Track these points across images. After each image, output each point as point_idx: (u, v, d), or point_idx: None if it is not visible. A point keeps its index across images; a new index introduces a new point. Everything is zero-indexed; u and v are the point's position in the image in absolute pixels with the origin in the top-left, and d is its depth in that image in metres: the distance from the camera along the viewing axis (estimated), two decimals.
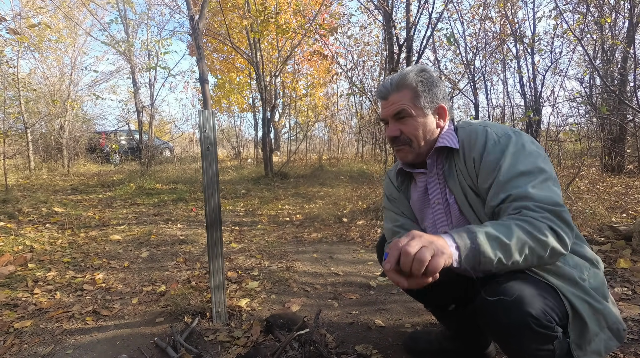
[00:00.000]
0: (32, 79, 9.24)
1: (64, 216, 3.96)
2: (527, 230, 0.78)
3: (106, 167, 9.69)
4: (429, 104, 1.01)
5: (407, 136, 1.03)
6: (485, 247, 0.75)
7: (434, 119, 1.03)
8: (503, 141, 0.93)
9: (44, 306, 1.88)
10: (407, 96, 1.01)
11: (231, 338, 1.51)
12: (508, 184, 0.87)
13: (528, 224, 0.79)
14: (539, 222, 0.79)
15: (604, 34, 5.37)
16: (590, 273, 0.92)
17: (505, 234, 0.77)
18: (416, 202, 1.13)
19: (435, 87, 1.01)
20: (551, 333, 0.81)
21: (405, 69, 1.03)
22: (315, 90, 10.65)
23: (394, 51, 3.87)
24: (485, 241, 0.76)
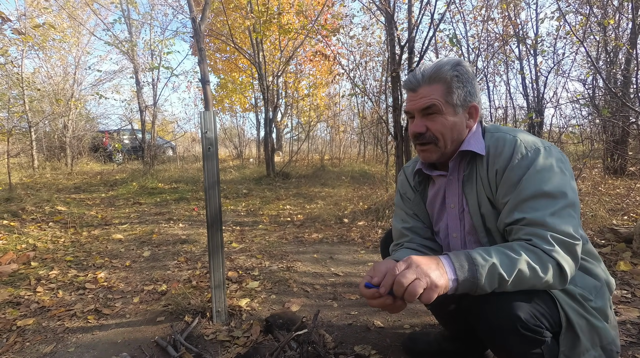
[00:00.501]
0: (36, 78, 9.30)
1: (66, 214, 3.99)
2: (531, 266, 0.78)
3: (109, 166, 9.74)
4: (462, 102, 0.94)
5: (433, 134, 0.95)
6: (484, 282, 0.76)
7: (464, 118, 0.96)
8: (531, 155, 0.87)
9: (47, 304, 1.90)
10: (439, 91, 0.93)
11: (231, 338, 1.52)
12: (526, 204, 0.84)
13: (535, 258, 0.79)
14: (547, 257, 0.79)
15: (607, 35, 5.35)
16: (598, 293, 0.91)
17: (508, 270, 0.77)
18: (432, 204, 1.10)
19: (470, 84, 0.95)
20: (539, 337, 0.82)
21: (440, 60, 0.95)
22: (318, 90, 10.66)
23: (395, 52, 3.88)
24: (485, 277, 0.76)
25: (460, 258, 0.78)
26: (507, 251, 0.80)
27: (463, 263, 0.77)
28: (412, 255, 0.78)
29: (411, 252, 1.06)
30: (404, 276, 0.72)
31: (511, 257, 0.78)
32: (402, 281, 0.72)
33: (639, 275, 1.94)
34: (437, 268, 0.75)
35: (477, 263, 0.77)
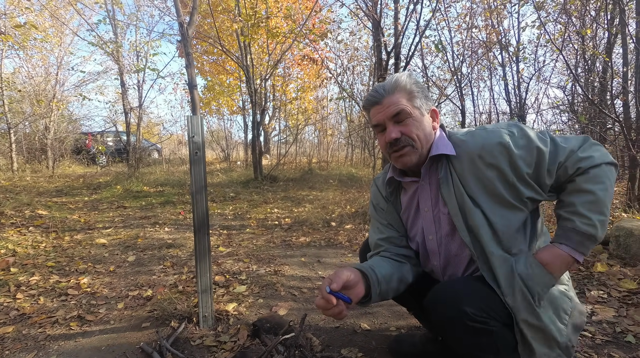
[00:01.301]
0: (16, 79, 9.05)
1: (48, 219, 3.89)
2: (598, 179, 0.92)
3: (92, 169, 9.53)
4: (425, 105, 1.03)
5: (408, 136, 0.99)
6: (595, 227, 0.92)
7: (430, 120, 1.04)
8: (515, 130, 0.98)
9: (27, 311, 1.85)
10: (404, 97, 0.99)
11: (218, 343, 1.52)
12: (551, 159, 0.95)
13: (595, 175, 0.92)
14: (595, 167, 0.93)
15: (585, 44, 5.55)
16: (571, 322, 0.98)
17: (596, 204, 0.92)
18: (406, 211, 1.14)
19: (426, 91, 1.04)
20: (485, 327, 0.89)
21: (395, 75, 1.03)
22: (306, 94, 10.69)
23: (382, 57, 3.94)
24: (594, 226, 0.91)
25: (578, 240, 0.92)
26: (586, 196, 0.92)
27: (584, 243, 0.92)
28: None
29: (384, 260, 1.09)
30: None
31: (594, 200, 0.91)
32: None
33: (615, 275, 2.01)
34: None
35: (589, 232, 0.91)
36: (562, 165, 0.94)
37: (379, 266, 1.03)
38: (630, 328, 1.51)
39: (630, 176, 3.38)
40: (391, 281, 1.03)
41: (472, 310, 0.88)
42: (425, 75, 6.12)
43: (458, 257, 1.06)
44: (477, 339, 0.90)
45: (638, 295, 1.79)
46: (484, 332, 0.89)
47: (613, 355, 1.33)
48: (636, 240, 2.16)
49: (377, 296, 0.98)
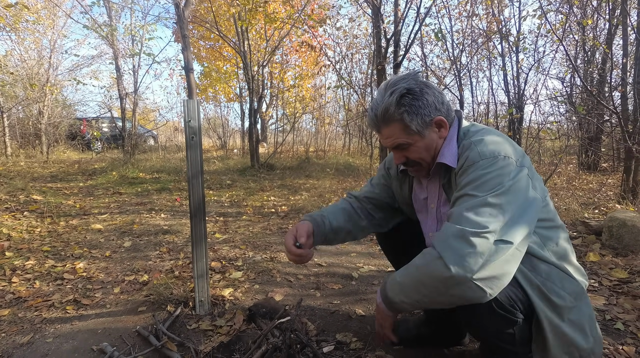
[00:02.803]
0: (8, 62, 8.87)
1: (42, 204, 3.87)
2: (415, 263, 0.90)
3: (87, 155, 9.45)
4: (422, 126, 0.97)
5: (413, 160, 1.02)
6: (390, 294, 0.95)
7: (434, 134, 1.00)
8: (484, 163, 0.88)
9: (23, 295, 1.85)
10: (398, 129, 0.97)
11: (214, 327, 1.53)
12: (455, 200, 0.92)
13: (421, 255, 0.89)
14: (430, 250, 0.86)
15: (585, 34, 5.51)
16: (578, 299, 0.92)
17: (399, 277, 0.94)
18: (416, 197, 1.18)
19: (422, 107, 0.95)
20: (512, 317, 0.87)
21: (384, 100, 0.96)
22: (303, 81, 10.58)
23: (381, 44, 3.89)
24: (389, 289, 0.95)
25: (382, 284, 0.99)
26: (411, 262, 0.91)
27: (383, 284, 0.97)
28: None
29: (345, 211, 1.26)
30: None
31: (408, 266, 0.91)
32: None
33: (606, 265, 2.04)
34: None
35: (385, 280, 0.97)
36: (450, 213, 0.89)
37: (334, 218, 1.22)
38: (619, 316, 1.54)
39: (626, 168, 3.41)
40: (339, 233, 1.24)
41: (503, 297, 0.85)
42: (424, 64, 6.07)
43: None
44: (500, 327, 0.89)
45: (628, 284, 1.82)
46: (509, 322, 0.88)
47: (603, 341, 1.36)
48: (629, 230, 2.19)
49: (320, 242, 1.22)
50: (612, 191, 3.87)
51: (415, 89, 0.95)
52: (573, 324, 0.90)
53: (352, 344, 1.37)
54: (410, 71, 1.02)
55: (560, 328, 0.88)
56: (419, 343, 1.35)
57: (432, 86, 0.98)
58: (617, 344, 1.34)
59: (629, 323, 1.48)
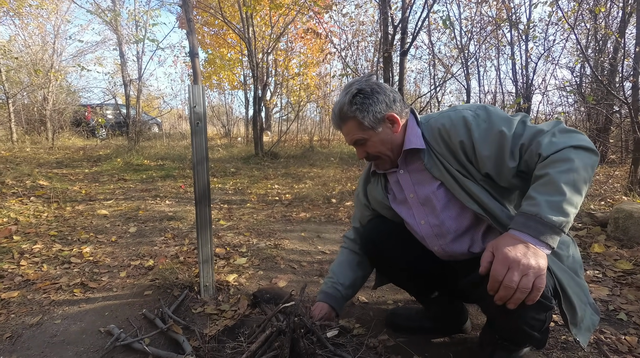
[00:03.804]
0: (12, 47, 8.85)
1: (49, 189, 3.91)
2: (563, 168, 0.82)
3: (92, 141, 9.48)
4: (374, 122, 1.04)
5: (373, 154, 1.10)
6: (555, 218, 0.79)
7: (387, 129, 1.06)
8: (481, 112, 0.97)
9: (31, 278, 1.88)
10: (353, 126, 1.06)
11: (219, 311, 1.55)
12: (514, 141, 0.91)
13: (557, 162, 0.83)
14: (561, 151, 0.84)
15: (597, 23, 5.38)
16: (568, 248, 0.99)
17: (554, 191, 0.81)
18: (395, 199, 1.18)
19: (372, 105, 1.03)
20: (549, 303, 0.87)
21: (340, 100, 1.07)
22: (308, 69, 10.48)
23: (388, 31, 3.82)
24: (551, 214, 0.79)
25: (522, 221, 0.82)
26: (540, 180, 0.84)
27: (528, 223, 0.81)
28: (497, 248, 0.81)
29: (349, 263, 1.32)
30: (510, 281, 0.77)
31: (545, 181, 0.83)
32: (511, 285, 0.77)
33: (611, 256, 2.04)
34: (526, 249, 0.78)
35: (531, 212, 0.81)
36: (527, 149, 0.90)
37: (344, 277, 1.30)
38: (622, 307, 1.54)
39: (634, 159, 3.36)
40: (355, 286, 1.33)
41: (548, 286, 0.86)
42: (431, 52, 5.98)
43: (458, 232, 1.06)
44: (536, 314, 0.89)
45: (633, 275, 1.81)
46: (546, 308, 0.88)
47: (605, 331, 1.36)
48: (635, 222, 2.17)
49: (344, 305, 1.31)
50: (620, 183, 3.83)
51: (366, 89, 1.04)
52: (572, 270, 0.97)
53: (355, 330, 1.39)
54: (365, 74, 1.12)
55: (569, 273, 0.94)
56: (421, 333, 1.36)
57: (384, 86, 1.07)
58: (620, 334, 1.34)
59: (632, 313, 1.48)
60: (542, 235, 0.79)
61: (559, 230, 0.79)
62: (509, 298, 0.78)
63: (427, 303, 1.35)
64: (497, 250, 0.81)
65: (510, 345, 1.05)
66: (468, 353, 1.24)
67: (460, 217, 1.05)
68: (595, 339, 1.30)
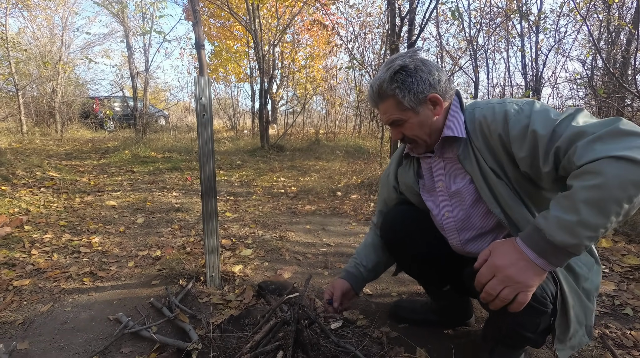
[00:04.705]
0: (21, 39, 8.92)
1: (58, 180, 3.96)
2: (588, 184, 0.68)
3: (100, 133, 9.56)
4: (415, 102, 0.96)
5: (409, 137, 1.03)
6: (563, 238, 0.70)
7: (428, 111, 0.98)
8: (526, 107, 0.86)
9: (42, 266, 1.92)
10: (392, 105, 0.99)
11: (224, 301, 1.57)
12: (551, 142, 0.79)
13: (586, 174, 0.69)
14: (595, 163, 0.68)
15: (610, 13, 5.25)
16: (592, 272, 0.95)
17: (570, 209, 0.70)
18: (425, 186, 1.13)
19: (415, 84, 0.95)
20: (543, 308, 0.86)
21: (380, 76, 0.99)
22: (315, 62, 10.41)
23: (395, 23, 3.78)
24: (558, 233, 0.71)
25: (529, 232, 0.76)
26: (565, 192, 0.73)
27: (533, 236, 0.75)
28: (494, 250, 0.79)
29: (374, 246, 1.30)
30: (491, 288, 0.77)
31: (566, 195, 0.71)
32: (490, 292, 0.77)
33: (618, 251, 2.02)
34: (520, 262, 0.75)
35: (539, 225, 0.74)
36: (564, 153, 0.76)
37: (367, 259, 1.28)
38: (629, 302, 1.53)
39: None
40: (377, 270, 1.31)
41: (540, 290, 0.84)
42: (439, 44, 5.90)
43: (483, 230, 1.03)
44: (530, 318, 0.88)
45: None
46: (540, 313, 0.87)
47: (610, 325, 1.36)
48: None
49: (363, 287, 1.30)
50: None
51: (409, 65, 0.95)
52: (585, 292, 0.93)
53: (358, 321, 1.40)
54: (411, 49, 1.02)
55: (578, 293, 0.91)
56: (425, 325, 1.37)
57: (429, 64, 0.97)
58: (625, 329, 1.33)
59: (638, 309, 1.47)
60: (543, 252, 0.73)
61: (566, 251, 0.71)
62: (490, 302, 0.79)
63: (437, 297, 1.35)
64: (492, 252, 0.79)
65: (508, 341, 1.04)
66: (471, 346, 1.25)
67: (489, 215, 1.00)
68: (600, 333, 1.29)
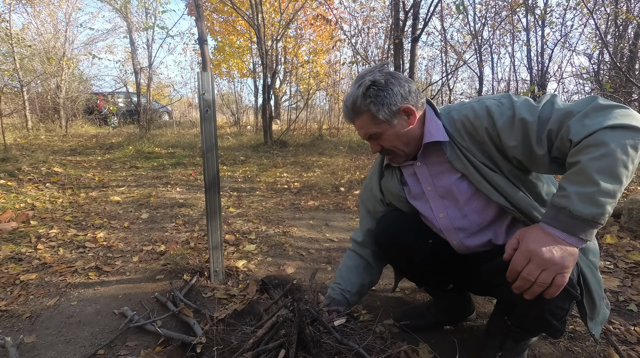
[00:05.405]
0: (25, 35, 8.94)
1: (63, 176, 3.99)
2: (597, 154, 0.73)
3: (104, 129, 9.61)
4: (389, 115, 1.00)
5: (387, 148, 1.06)
6: (586, 210, 0.73)
7: (403, 121, 1.02)
8: (505, 101, 0.91)
9: (48, 261, 1.94)
10: (367, 120, 1.02)
11: (228, 296, 1.58)
12: (541, 128, 0.84)
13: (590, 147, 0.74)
14: (594, 135, 0.74)
15: (618, 7, 5.18)
16: (592, 242, 0.98)
17: (586, 180, 0.73)
18: (411, 193, 1.14)
19: (387, 97, 0.98)
20: (576, 293, 0.85)
21: (352, 92, 1.02)
22: (318, 57, 10.37)
23: (399, 17, 3.75)
24: (580, 205, 0.73)
25: (552, 214, 0.77)
26: (572, 169, 0.77)
27: (558, 217, 0.76)
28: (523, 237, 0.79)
29: (356, 269, 1.28)
30: (529, 273, 0.76)
31: (576, 170, 0.75)
32: (528, 278, 0.76)
33: (623, 247, 2.01)
34: (553, 244, 0.75)
35: (561, 204, 0.76)
36: (556, 135, 0.81)
37: (350, 283, 1.26)
38: (633, 298, 1.52)
39: None
40: (362, 292, 1.29)
41: (573, 275, 0.84)
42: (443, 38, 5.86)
43: (482, 225, 1.03)
44: (562, 303, 0.87)
45: None
46: (572, 297, 0.86)
47: (614, 321, 1.35)
48: None
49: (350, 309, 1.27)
50: (636, 173, 3.74)
51: (380, 80, 0.99)
52: (593, 264, 0.96)
53: (362, 316, 1.41)
54: (377, 64, 1.06)
55: (590, 267, 0.93)
56: (437, 327, 1.36)
57: (399, 76, 1.02)
58: (629, 325, 1.33)
59: None
60: (572, 229, 0.74)
61: (593, 222, 0.73)
62: (526, 289, 0.78)
63: (439, 296, 1.34)
64: (522, 239, 0.79)
65: (521, 333, 1.03)
66: (474, 341, 1.25)
67: (485, 210, 1.02)
68: (604, 330, 1.29)
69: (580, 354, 1.18)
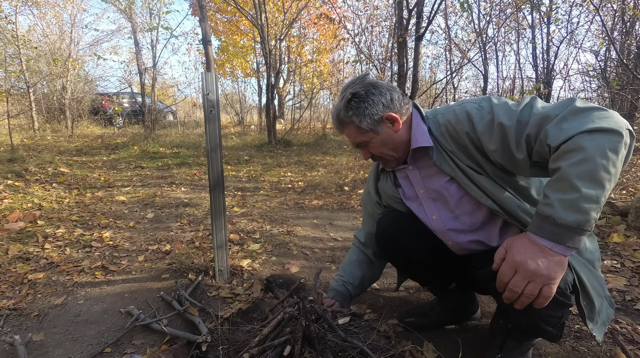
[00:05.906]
0: (31, 37, 9.03)
1: (70, 176, 4.03)
2: (576, 159, 0.71)
3: (109, 129, 9.68)
4: (373, 124, 1.02)
5: (376, 155, 1.10)
6: (569, 217, 0.71)
7: (387, 129, 1.03)
8: (485, 104, 0.91)
9: (55, 260, 1.97)
10: (353, 130, 1.06)
11: (233, 295, 1.59)
12: (521, 131, 0.83)
13: (568, 153, 0.73)
14: (572, 140, 0.72)
15: (625, 3, 5.12)
16: (591, 241, 0.98)
17: (567, 187, 0.72)
18: (406, 194, 1.16)
19: (368, 107, 1.01)
20: (566, 301, 0.85)
21: (337, 105, 1.07)
22: (321, 56, 10.36)
23: (403, 15, 3.73)
24: (564, 212, 0.72)
25: (537, 223, 0.76)
26: (554, 176, 0.76)
27: (543, 225, 0.75)
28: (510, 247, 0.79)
29: (359, 263, 1.33)
30: (515, 285, 0.76)
31: (557, 177, 0.74)
32: (515, 290, 0.76)
33: (630, 246, 1.99)
34: (540, 254, 0.74)
35: (545, 213, 0.75)
36: (535, 139, 0.80)
37: (353, 277, 1.31)
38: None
39: None
40: (363, 285, 1.34)
41: (563, 283, 0.83)
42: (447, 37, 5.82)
43: (473, 227, 1.04)
44: (554, 312, 0.87)
45: None
46: (563, 306, 0.86)
47: (620, 321, 1.34)
48: None
49: (351, 302, 1.33)
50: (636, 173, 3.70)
51: (360, 92, 1.02)
52: (590, 262, 0.96)
53: (365, 315, 1.41)
54: (359, 75, 1.10)
55: (586, 265, 0.93)
56: (442, 326, 1.36)
57: (380, 85, 1.04)
58: (636, 324, 1.32)
59: None
60: (558, 237, 0.73)
61: (579, 229, 0.72)
62: (515, 300, 0.78)
63: (443, 295, 1.34)
64: (509, 249, 0.79)
65: (521, 335, 1.03)
66: (478, 341, 1.25)
67: (475, 213, 1.03)
68: (611, 329, 1.28)
69: (586, 354, 1.18)
